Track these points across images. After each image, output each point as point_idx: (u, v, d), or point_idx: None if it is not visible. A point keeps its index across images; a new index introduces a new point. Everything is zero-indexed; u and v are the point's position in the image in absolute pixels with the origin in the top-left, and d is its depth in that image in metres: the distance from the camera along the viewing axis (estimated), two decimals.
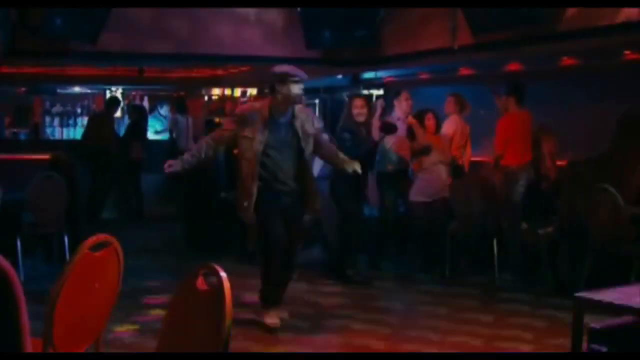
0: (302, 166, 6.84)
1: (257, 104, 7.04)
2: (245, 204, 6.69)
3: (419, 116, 9.20)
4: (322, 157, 7.43)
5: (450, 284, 8.70)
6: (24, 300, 2.40)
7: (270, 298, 6.83)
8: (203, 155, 6.81)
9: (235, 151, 7.24)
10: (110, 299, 3.79)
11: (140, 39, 10.89)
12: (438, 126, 9.27)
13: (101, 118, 13.69)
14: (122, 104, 17.19)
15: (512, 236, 8.84)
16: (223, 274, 2.63)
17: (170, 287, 3.27)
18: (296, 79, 6.63)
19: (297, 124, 6.74)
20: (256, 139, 6.61)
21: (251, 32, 11.35)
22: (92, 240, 3.54)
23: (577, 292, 3.40)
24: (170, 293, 3.01)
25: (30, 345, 2.37)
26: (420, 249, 9.49)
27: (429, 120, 9.16)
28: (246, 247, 9.72)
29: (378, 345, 6.35)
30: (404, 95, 9.53)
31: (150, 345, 5.92)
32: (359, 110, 8.59)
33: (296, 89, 6.65)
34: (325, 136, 7.77)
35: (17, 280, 2.21)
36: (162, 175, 14.00)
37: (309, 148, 6.83)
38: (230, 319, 2.52)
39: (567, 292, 4.64)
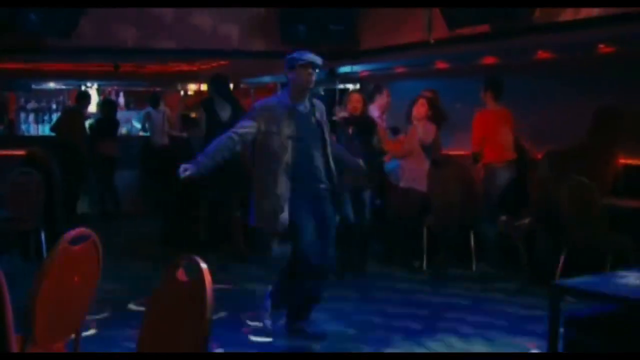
0: (328, 160, 6.29)
1: (275, 95, 6.59)
2: (274, 210, 6.03)
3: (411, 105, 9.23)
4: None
5: (428, 277, 8.77)
6: (7, 297, 2.40)
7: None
8: (227, 154, 6.05)
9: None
10: (89, 292, 3.80)
11: (115, 33, 10.87)
12: (432, 115, 9.06)
13: (72, 113, 13.48)
14: (97, 99, 17.14)
15: (489, 229, 8.90)
16: (203, 265, 2.65)
17: (148, 282, 3.26)
18: (303, 62, 6.08)
19: (317, 114, 6.27)
20: (283, 132, 6.04)
21: (227, 26, 11.34)
22: (72, 233, 3.55)
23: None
24: (148, 288, 3.03)
25: (14, 341, 2.37)
26: (397, 243, 9.48)
27: (420, 107, 9.03)
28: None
29: None
30: (386, 91, 9.59)
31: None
32: (354, 105, 8.58)
33: (306, 73, 6.09)
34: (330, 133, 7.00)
35: (2, 278, 2.22)
36: (138, 172, 14.10)
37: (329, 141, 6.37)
38: (212, 309, 2.53)
39: (544, 283, 4.72)
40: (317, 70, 6.18)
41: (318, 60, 6.14)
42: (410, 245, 9.15)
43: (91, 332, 6.35)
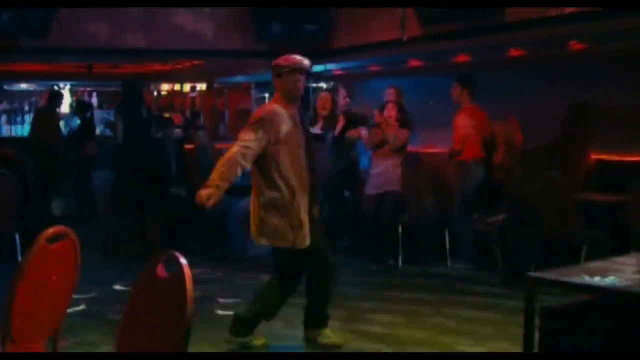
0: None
1: (271, 105, 5.98)
2: (292, 225, 5.74)
3: (382, 108, 9.27)
4: None
5: (402, 275, 8.81)
6: None
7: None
8: (240, 171, 5.66)
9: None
10: (67, 291, 3.80)
11: (89, 33, 10.83)
12: (401, 119, 9.19)
13: (45, 113, 13.36)
14: (70, 100, 17.05)
15: (463, 226, 8.95)
16: (183, 261, 2.67)
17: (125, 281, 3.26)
18: (289, 69, 5.79)
19: (305, 121, 6.06)
20: (293, 142, 5.75)
21: (200, 25, 11.32)
22: (50, 232, 3.55)
23: None
24: (125, 286, 3.04)
25: None
26: (372, 241, 9.50)
27: (391, 111, 9.18)
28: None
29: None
30: (342, 92, 9.72)
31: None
32: (323, 104, 8.62)
33: (294, 81, 5.82)
34: None
35: None
36: (113, 172, 14.04)
37: None
38: (192, 304, 2.55)
39: (518, 279, 4.78)
40: (305, 75, 5.90)
41: (306, 64, 5.87)
42: (386, 243, 9.18)
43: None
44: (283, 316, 6.34)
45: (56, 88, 16.13)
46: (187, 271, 2.62)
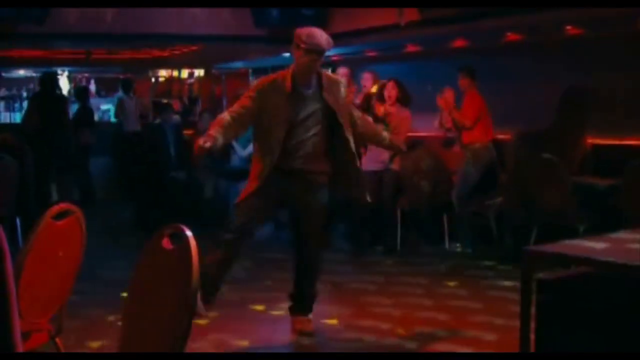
0: (340, 144, 5.84)
1: (277, 75, 5.87)
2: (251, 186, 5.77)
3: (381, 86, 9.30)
4: (358, 137, 6.17)
5: (401, 257, 8.89)
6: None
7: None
8: (232, 135, 5.87)
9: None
10: (73, 267, 3.85)
11: (87, 19, 10.83)
12: (401, 98, 9.19)
13: (40, 98, 13.28)
14: (69, 86, 17.07)
15: (462, 209, 9.01)
16: (188, 233, 2.71)
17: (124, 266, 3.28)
18: (307, 47, 5.58)
19: (327, 95, 5.76)
20: (280, 116, 5.66)
21: (197, 10, 11.31)
22: (56, 208, 3.60)
23: None
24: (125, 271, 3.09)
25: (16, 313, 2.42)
26: (370, 224, 9.54)
27: (391, 90, 9.22)
28: None
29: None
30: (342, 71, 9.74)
31: None
32: None
33: (309, 58, 5.61)
34: (357, 111, 6.37)
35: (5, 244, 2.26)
36: (110, 158, 14.07)
37: (347, 122, 5.86)
38: (197, 275, 2.61)
39: (516, 257, 4.85)
40: (322, 56, 5.69)
41: (325, 45, 5.63)
42: (385, 225, 9.23)
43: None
44: None
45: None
46: (193, 242, 2.67)
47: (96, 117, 16.06)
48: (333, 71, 9.69)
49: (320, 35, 5.65)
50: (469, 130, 8.99)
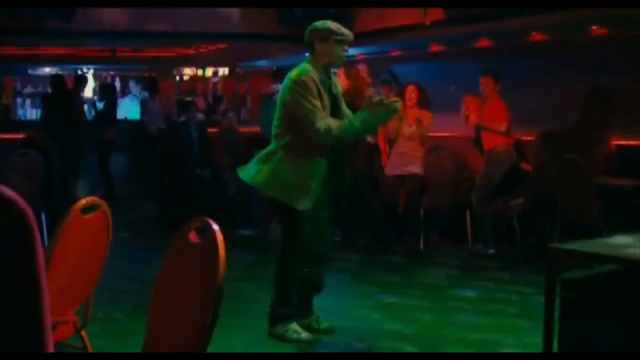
0: None
1: (307, 69, 5.65)
2: (300, 187, 5.61)
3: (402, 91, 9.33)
4: None
5: (425, 257, 8.90)
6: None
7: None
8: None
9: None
10: (99, 261, 3.89)
11: (113, 17, 10.90)
12: (421, 99, 9.21)
13: (70, 97, 13.43)
14: (94, 84, 17.19)
15: (484, 210, 8.99)
16: (215, 226, 2.74)
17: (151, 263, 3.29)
18: (340, 37, 5.64)
19: (335, 90, 5.82)
20: (326, 107, 5.58)
21: (223, 8, 11.34)
22: (83, 202, 3.64)
23: None
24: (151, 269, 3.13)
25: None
26: (393, 224, 9.54)
27: (411, 94, 9.22)
28: None
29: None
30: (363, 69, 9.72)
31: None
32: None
33: (340, 49, 5.67)
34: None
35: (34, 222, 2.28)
36: (133, 156, 14.13)
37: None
38: (224, 268, 2.63)
39: (539, 256, 4.86)
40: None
41: (352, 36, 5.76)
42: (409, 226, 9.23)
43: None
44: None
45: (79, 72, 16.26)
46: (219, 236, 2.69)
47: (120, 115, 16.15)
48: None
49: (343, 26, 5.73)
50: (496, 133, 8.91)
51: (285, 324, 5.79)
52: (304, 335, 5.82)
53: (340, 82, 8.36)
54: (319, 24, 5.75)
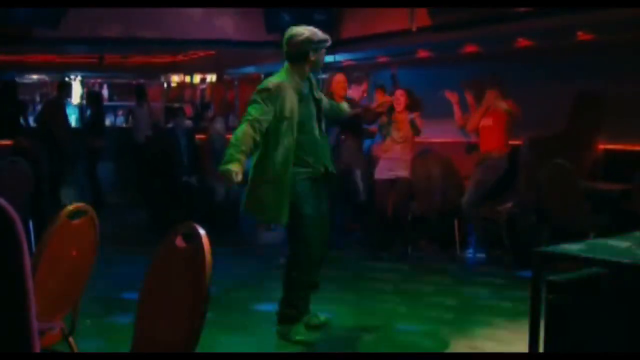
0: (327, 139, 6.12)
1: (278, 77, 5.78)
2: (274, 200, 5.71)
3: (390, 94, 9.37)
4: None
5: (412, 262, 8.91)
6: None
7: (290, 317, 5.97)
8: (253, 144, 5.58)
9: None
10: (87, 267, 3.88)
11: (101, 24, 10.90)
12: (411, 104, 9.21)
13: (53, 104, 13.41)
14: (81, 91, 17.15)
15: (473, 214, 9.00)
16: (202, 231, 2.75)
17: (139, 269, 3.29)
18: (323, 44, 5.82)
19: (315, 91, 5.95)
20: (293, 118, 5.65)
21: (210, 16, 11.36)
22: (70, 208, 3.64)
23: None
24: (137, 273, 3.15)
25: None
26: (382, 229, 9.53)
27: (399, 98, 9.19)
28: None
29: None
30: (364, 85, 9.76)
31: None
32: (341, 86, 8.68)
33: (323, 55, 5.91)
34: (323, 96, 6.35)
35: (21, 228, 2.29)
36: (120, 163, 14.11)
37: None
38: (210, 272, 2.64)
39: (527, 262, 4.88)
40: None
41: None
42: (397, 231, 9.24)
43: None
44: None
45: (66, 79, 16.22)
46: (206, 241, 2.71)
47: (107, 122, 16.12)
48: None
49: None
50: (491, 138, 8.90)
51: (290, 326, 5.90)
52: (307, 336, 5.91)
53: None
54: (308, 34, 5.81)
